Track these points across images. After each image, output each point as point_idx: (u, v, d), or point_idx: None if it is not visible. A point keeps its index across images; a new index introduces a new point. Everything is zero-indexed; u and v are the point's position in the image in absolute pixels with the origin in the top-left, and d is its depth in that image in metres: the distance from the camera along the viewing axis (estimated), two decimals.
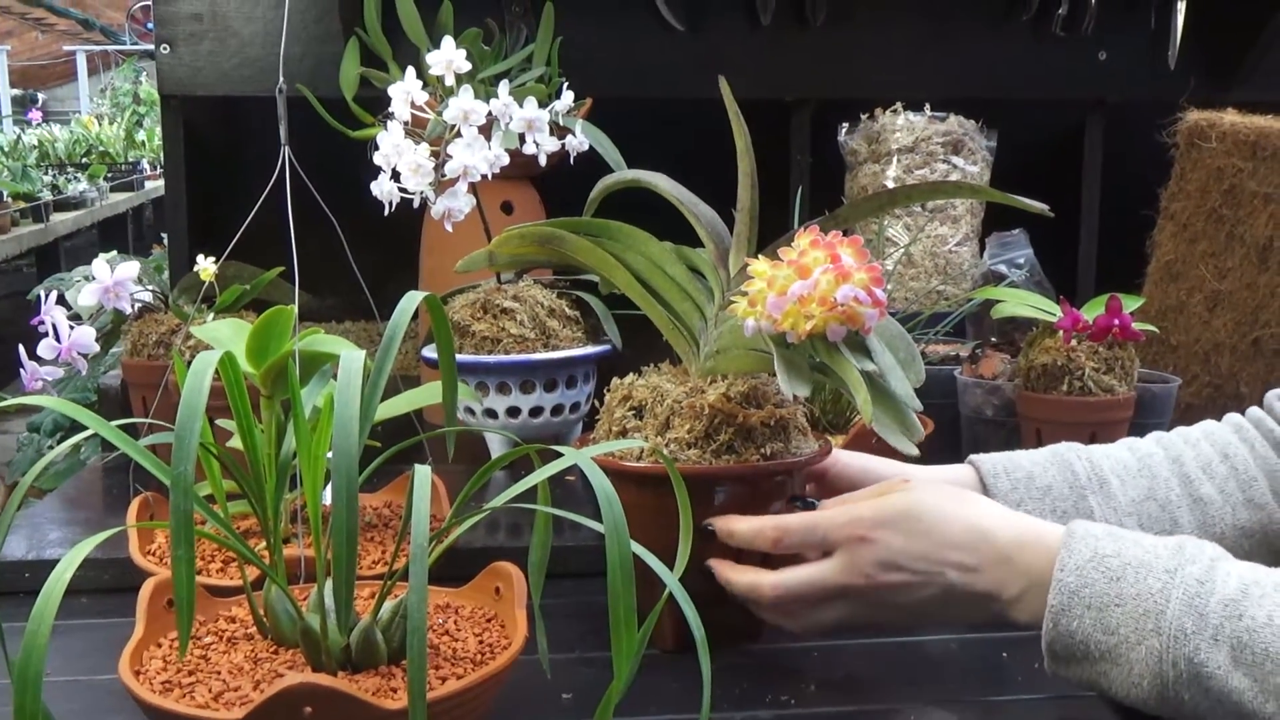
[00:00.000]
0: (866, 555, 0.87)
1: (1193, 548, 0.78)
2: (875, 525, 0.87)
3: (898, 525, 0.86)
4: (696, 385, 0.99)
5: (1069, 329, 1.25)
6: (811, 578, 0.89)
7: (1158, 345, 1.56)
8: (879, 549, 0.86)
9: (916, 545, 0.85)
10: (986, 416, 1.39)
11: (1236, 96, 1.67)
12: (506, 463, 0.79)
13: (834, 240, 0.88)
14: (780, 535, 0.91)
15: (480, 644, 0.82)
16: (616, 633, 0.66)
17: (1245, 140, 1.49)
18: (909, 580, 0.86)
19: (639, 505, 0.93)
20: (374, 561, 1.03)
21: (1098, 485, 1.02)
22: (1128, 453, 1.05)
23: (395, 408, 1.08)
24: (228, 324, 1.08)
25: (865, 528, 0.87)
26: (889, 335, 1.00)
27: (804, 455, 0.99)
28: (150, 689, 0.75)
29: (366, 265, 1.20)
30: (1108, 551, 0.79)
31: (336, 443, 0.66)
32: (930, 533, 0.85)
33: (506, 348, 1.39)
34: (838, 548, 0.89)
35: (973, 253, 1.81)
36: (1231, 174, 1.51)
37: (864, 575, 0.87)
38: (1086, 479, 1.02)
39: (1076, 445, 1.06)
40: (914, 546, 0.85)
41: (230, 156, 1.96)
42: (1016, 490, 1.02)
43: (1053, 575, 0.79)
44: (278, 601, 0.81)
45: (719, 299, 1.01)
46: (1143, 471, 1.03)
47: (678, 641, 0.99)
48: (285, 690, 0.68)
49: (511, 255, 1.13)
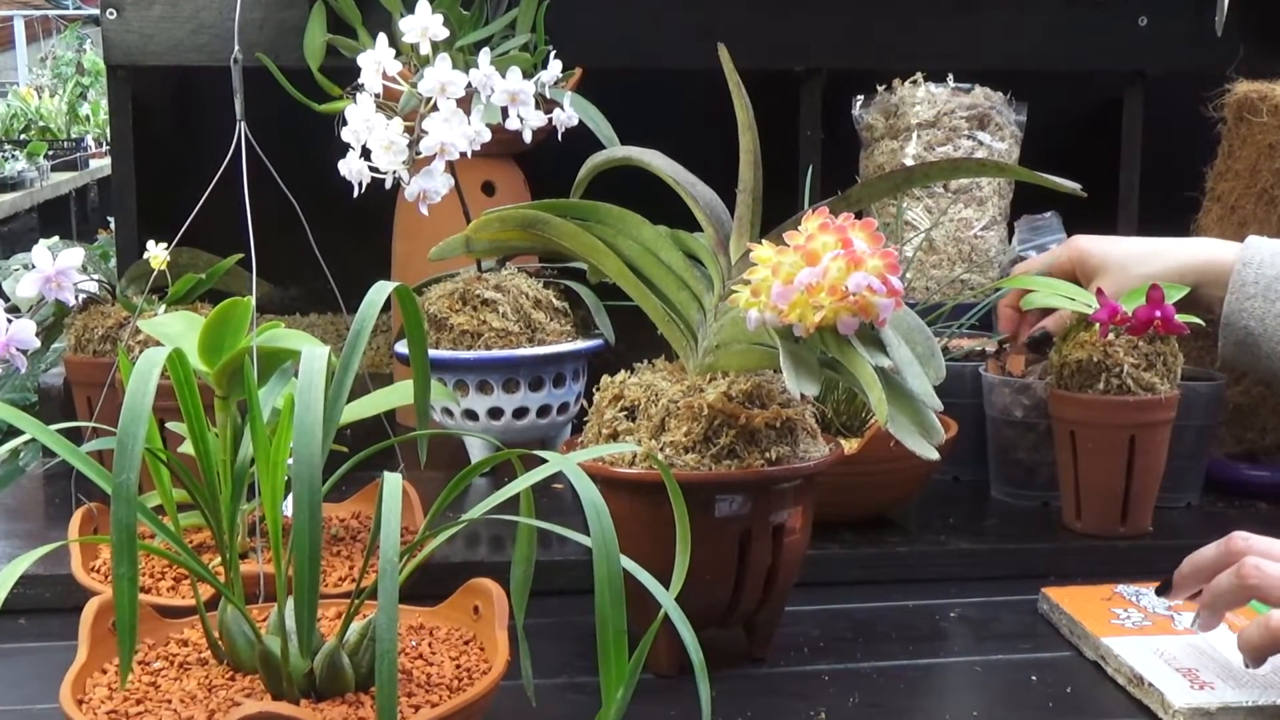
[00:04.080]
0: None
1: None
2: None
3: None
4: (694, 383, 0.99)
5: (1106, 321, 1.25)
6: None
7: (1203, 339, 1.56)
8: None
9: None
10: (1015, 418, 1.39)
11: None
12: (487, 469, 0.79)
13: (846, 223, 0.88)
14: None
15: (457, 668, 0.82)
16: (605, 656, 0.66)
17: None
18: None
19: (631, 516, 0.93)
20: (340, 578, 1.03)
21: None
22: None
23: (364, 409, 1.08)
24: (180, 317, 1.08)
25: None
26: (906, 328, 1.00)
27: (813, 460, 0.99)
28: (94, 718, 0.74)
29: (333, 252, 1.20)
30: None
31: (298, 448, 0.66)
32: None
33: (487, 342, 1.39)
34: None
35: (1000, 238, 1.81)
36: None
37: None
38: None
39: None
40: None
41: (184, 133, 1.96)
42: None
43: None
44: (234, 623, 0.81)
45: (719, 288, 1.01)
46: None
47: (674, 665, 0.99)
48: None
49: (492, 241, 1.13)
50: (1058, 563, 1.22)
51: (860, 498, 1.26)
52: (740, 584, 0.98)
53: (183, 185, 1.32)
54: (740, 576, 0.98)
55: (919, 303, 1.50)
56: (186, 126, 1.97)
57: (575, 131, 1.42)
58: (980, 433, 1.43)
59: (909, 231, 1.76)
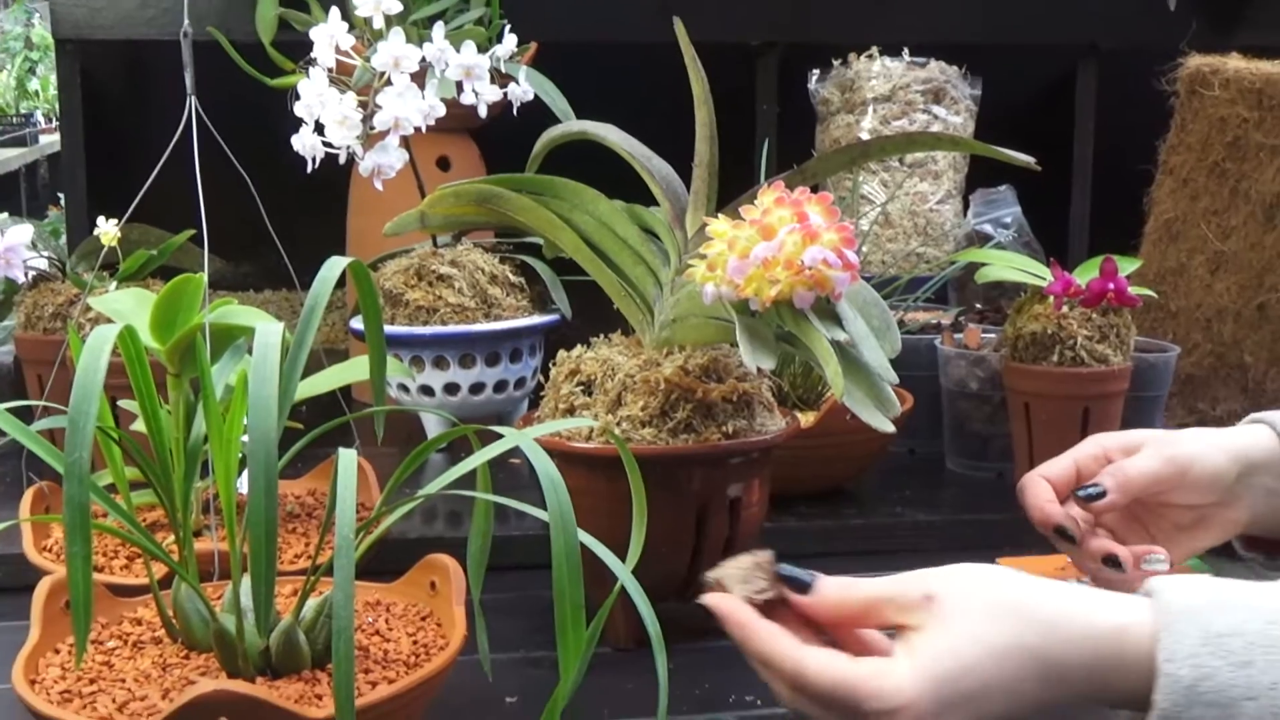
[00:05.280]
0: None
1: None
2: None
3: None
4: (651, 358, 0.99)
5: (1060, 294, 1.26)
6: None
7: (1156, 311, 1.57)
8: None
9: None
10: (970, 390, 1.40)
11: (1242, 40, 1.68)
12: (443, 445, 0.79)
13: (801, 198, 0.88)
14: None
15: (414, 644, 0.82)
16: (563, 630, 0.66)
17: (1251, 88, 1.50)
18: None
19: (588, 490, 0.93)
20: (296, 555, 1.02)
21: None
22: None
23: (318, 385, 1.08)
24: (131, 294, 1.07)
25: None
26: (862, 301, 1.00)
27: (770, 434, 0.99)
28: (47, 699, 0.74)
29: (286, 228, 1.19)
30: (1222, 629, 0.68)
31: (253, 424, 0.66)
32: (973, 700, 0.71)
33: (443, 318, 1.38)
34: None
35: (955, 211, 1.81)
36: (1236, 125, 1.52)
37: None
38: None
39: None
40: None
41: (134, 108, 1.93)
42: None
43: (1158, 668, 0.67)
44: (188, 601, 0.81)
45: (675, 263, 1.01)
46: None
47: (632, 638, 1.00)
48: (198, 699, 0.67)
49: (447, 216, 1.12)
50: (1012, 533, 1.22)
51: (817, 470, 1.27)
52: (697, 557, 0.98)
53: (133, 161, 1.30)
54: (698, 549, 0.98)
55: (875, 276, 1.51)
56: (137, 101, 1.95)
57: (531, 106, 1.41)
58: (936, 405, 1.44)
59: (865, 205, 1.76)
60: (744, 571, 0.74)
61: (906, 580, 0.72)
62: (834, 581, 0.74)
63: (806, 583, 0.74)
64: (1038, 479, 1.00)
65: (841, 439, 1.23)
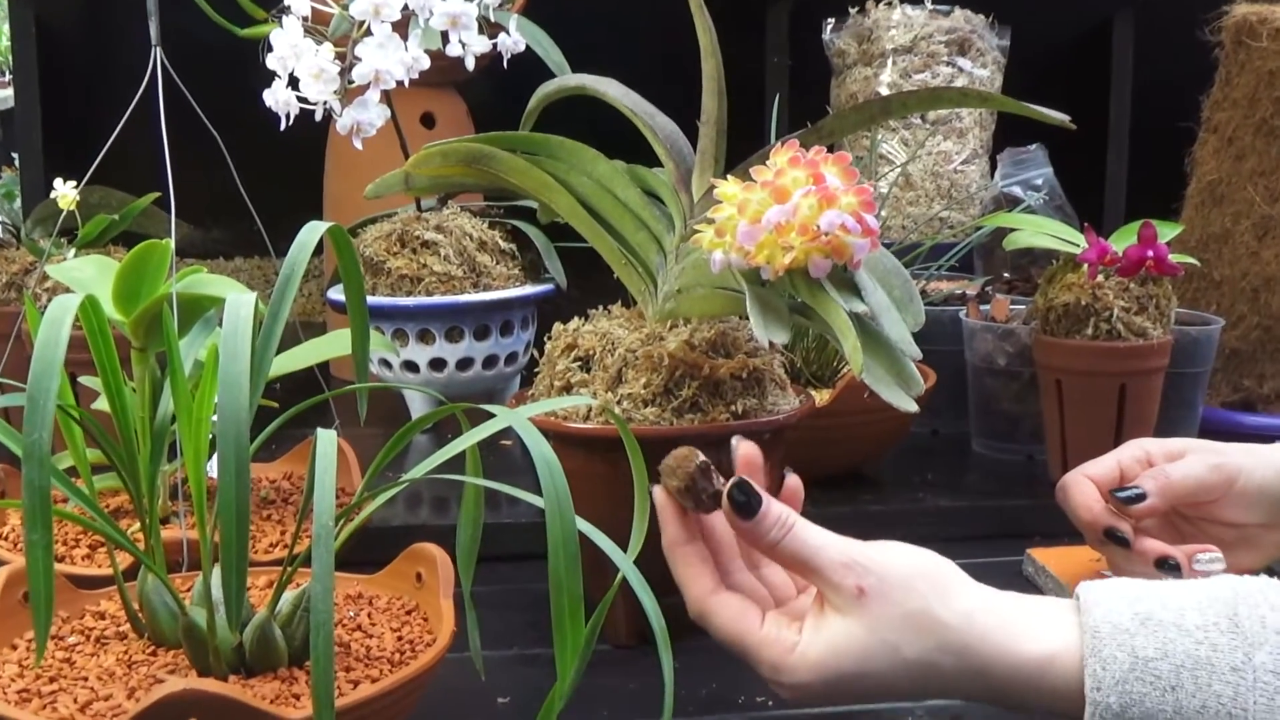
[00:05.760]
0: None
1: (1249, 618, 0.72)
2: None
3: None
4: (654, 331, 0.99)
5: (1095, 262, 1.26)
6: None
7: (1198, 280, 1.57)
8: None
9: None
10: (998, 366, 1.40)
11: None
12: (429, 425, 0.79)
13: (817, 158, 0.88)
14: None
15: (399, 640, 0.82)
16: (560, 625, 0.66)
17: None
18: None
19: (587, 474, 0.93)
20: (271, 544, 1.02)
21: None
22: None
23: (295, 361, 1.08)
24: (92, 262, 1.07)
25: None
26: (882, 270, 1.00)
27: (782, 413, 0.99)
28: (4, 699, 0.74)
29: (259, 190, 1.19)
30: (1150, 653, 0.72)
31: (224, 403, 0.65)
32: (867, 697, 0.77)
33: (428, 288, 1.38)
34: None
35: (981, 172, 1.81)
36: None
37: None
38: None
39: None
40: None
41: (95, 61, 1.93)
42: None
43: (1086, 696, 0.72)
44: (155, 593, 0.81)
45: (680, 228, 1.01)
46: None
47: (633, 634, 1.00)
48: (166, 699, 0.67)
49: (434, 177, 1.12)
50: (1043, 521, 1.23)
51: (832, 453, 1.27)
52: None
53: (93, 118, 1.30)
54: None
55: (895, 243, 1.51)
56: (97, 54, 1.95)
57: (522, 58, 1.40)
58: (960, 382, 1.44)
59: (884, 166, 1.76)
60: (690, 474, 0.79)
61: (847, 555, 0.77)
62: (777, 517, 0.78)
63: (753, 509, 0.78)
64: (1082, 479, 1.01)
65: (859, 419, 1.23)
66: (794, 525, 0.77)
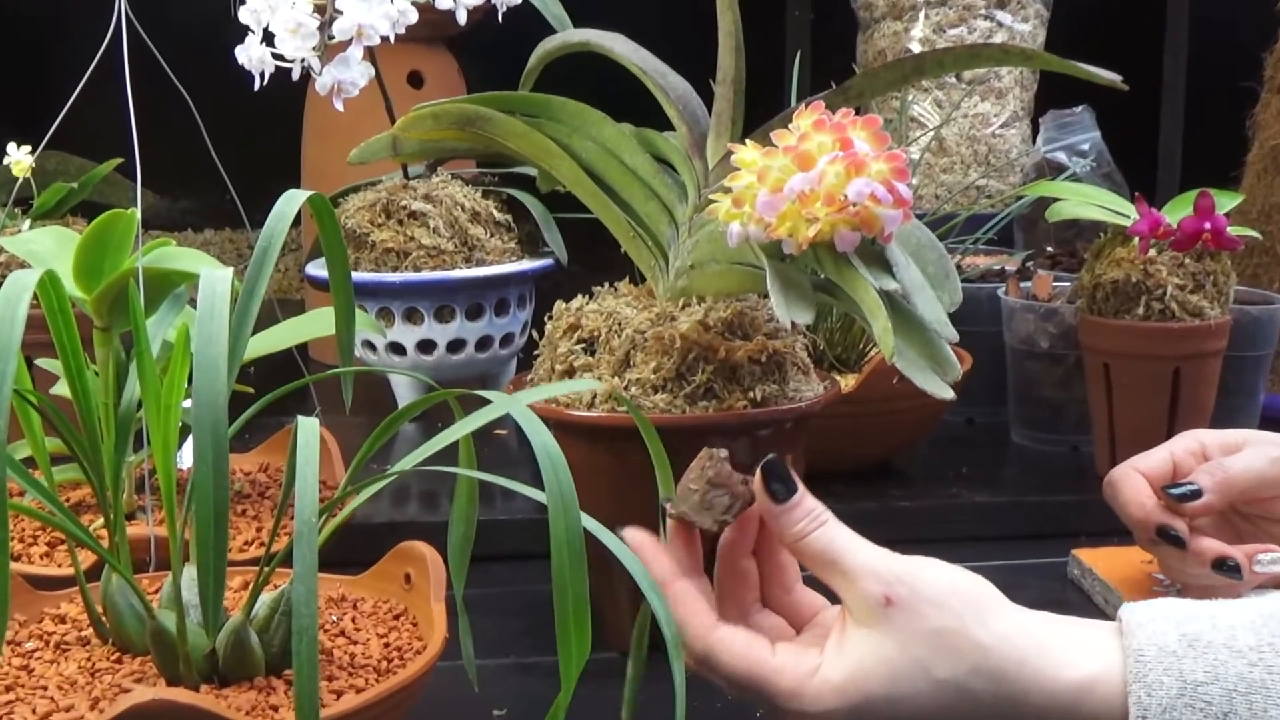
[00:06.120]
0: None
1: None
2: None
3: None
4: (665, 310, 0.99)
5: (1146, 235, 1.26)
6: None
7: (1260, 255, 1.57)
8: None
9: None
10: (1040, 348, 1.40)
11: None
12: (417, 413, 0.79)
13: (844, 120, 0.88)
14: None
15: (386, 647, 0.83)
16: (564, 631, 0.66)
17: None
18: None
19: (590, 466, 0.93)
20: (246, 543, 1.03)
21: None
22: None
23: (272, 342, 1.08)
24: (50, 233, 1.07)
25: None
26: (916, 244, 1.00)
27: (805, 400, 0.99)
28: None
29: (232, 156, 1.19)
30: (1199, 677, 0.71)
31: (199, 388, 0.66)
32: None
33: (416, 262, 1.38)
34: None
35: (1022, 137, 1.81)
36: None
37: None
38: None
39: None
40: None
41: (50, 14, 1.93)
42: None
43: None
44: (120, 595, 0.81)
45: (694, 198, 1.01)
46: None
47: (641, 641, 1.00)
48: (132, 709, 0.67)
49: (424, 141, 1.12)
50: (1089, 519, 1.23)
51: (859, 443, 1.27)
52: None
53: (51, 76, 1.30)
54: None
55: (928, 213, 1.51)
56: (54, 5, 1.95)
57: (519, 11, 1.40)
58: (999, 367, 1.44)
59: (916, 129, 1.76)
60: (701, 493, 0.77)
61: (879, 562, 0.75)
62: (810, 509, 0.77)
63: (787, 493, 0.77)
64: (1132, 473, 1.01)
65: (888, 406, 1.24)
66: (826, 521, 0.77)
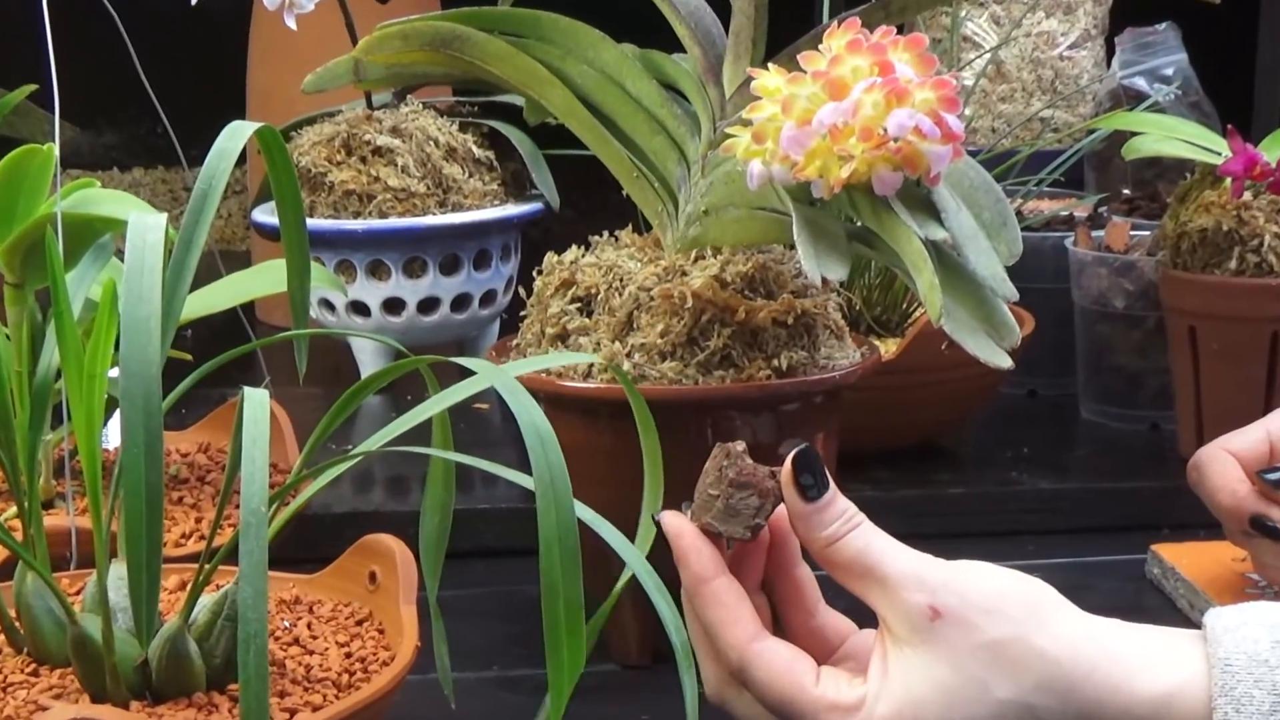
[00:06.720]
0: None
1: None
2: None
3: None
4: (674, 264, 0.99)
5: (1240, 175, 1.25)
6: None
7: None
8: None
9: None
10: (1115, 309, 1.40)
11: None
12: (384, 384, 0.79)
13: (884, 41, 0.88)
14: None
15: (348, 658, 0.83)
16: (555, 638, 0.66)
17: None
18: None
19: (587, 447, 0.93)
20: (183, 535, 1.03)
21: None
22: None
23: (213, 300, 1.08)
24: None
25: None
26: (968, 186, 1.00)
27: (839, 369, 0.99)
28: None
29: (165, 84, 1.18)
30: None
31: (128, 354, 0.66)
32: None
33: (381, 207, 1.38)
34: None
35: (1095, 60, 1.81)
36: None
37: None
38: None
39: None
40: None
41: None
42: None
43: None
44: (37, 596, 0.81)
45: (708, 131, 1.01)
46: None
47: (646, 650, 1.00)
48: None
49: (391, 65, 1.12)
50: (1172, 509, 1.23)
51: (901, 419, 1.27)
52: None
53: None
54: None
55: (982, 150, 1.50)
56: None
57: None
58: (1066, 330, 1.44)
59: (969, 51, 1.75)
60: (725, 498, 0.75)
61: (922, 569, 0.75)
62: (843, 509, 0.76)
63: (818, 490, 0.76)
64: (1221, 454, 1.01)
65: (936, 376, 1.24)
66: (861, 523, 0.76)
